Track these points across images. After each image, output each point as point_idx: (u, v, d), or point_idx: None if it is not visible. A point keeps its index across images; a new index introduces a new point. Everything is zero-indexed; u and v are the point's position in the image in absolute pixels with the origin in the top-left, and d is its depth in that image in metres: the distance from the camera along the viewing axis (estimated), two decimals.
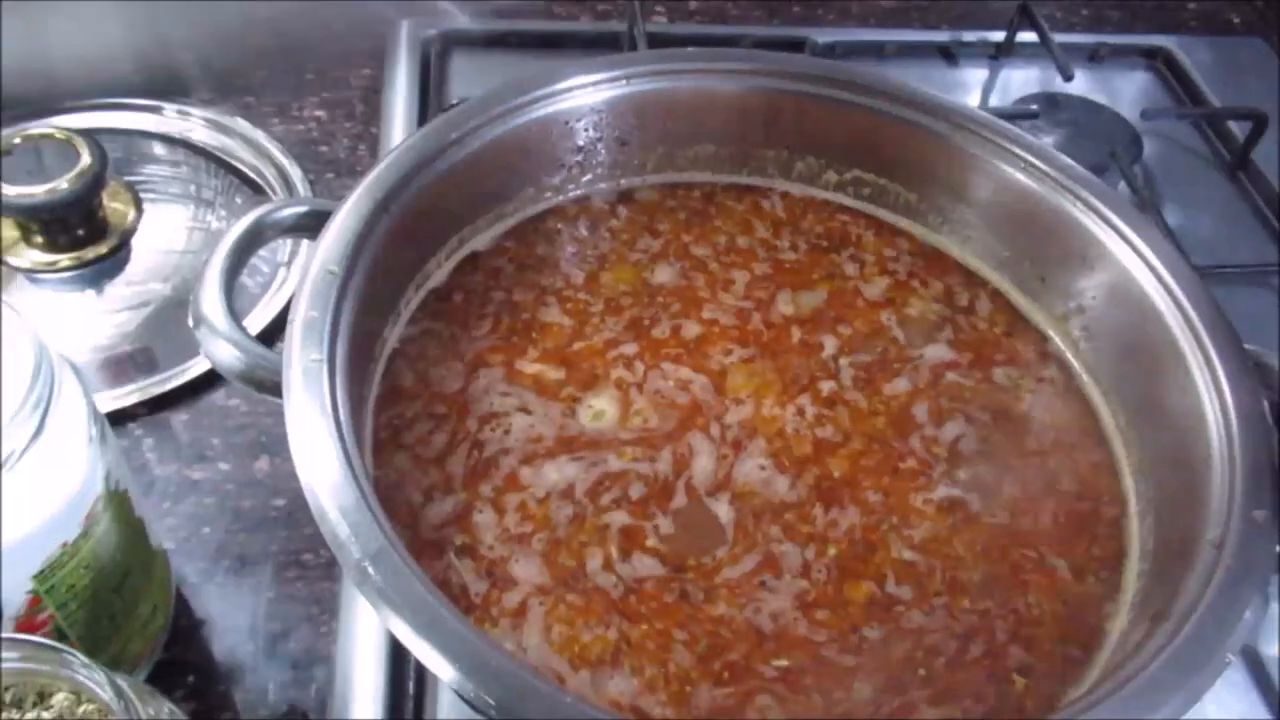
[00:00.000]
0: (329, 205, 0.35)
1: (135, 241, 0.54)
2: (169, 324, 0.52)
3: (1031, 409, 0.40)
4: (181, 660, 0.40)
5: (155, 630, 0.38)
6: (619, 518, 0.34)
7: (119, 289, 0.53)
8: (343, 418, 0.28)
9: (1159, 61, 0.73)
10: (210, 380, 0.49)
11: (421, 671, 0.40)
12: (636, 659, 0.30)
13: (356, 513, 0.27)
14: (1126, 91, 0.71)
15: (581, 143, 0.44)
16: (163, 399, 0.48)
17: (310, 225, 0.36)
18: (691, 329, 0.41)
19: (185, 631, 0.41)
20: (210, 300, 0.33)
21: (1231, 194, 0.65)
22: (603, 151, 0.45)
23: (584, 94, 0.42)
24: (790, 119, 0.45)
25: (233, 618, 0.42)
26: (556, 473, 0.35)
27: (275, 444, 0.47)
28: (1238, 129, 0.66)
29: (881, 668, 0.32)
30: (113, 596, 0.35)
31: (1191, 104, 0.69)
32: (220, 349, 0.32)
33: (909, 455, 0.37)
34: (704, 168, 0.48)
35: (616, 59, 0.48)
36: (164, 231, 0.56)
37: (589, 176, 0.45)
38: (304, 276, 0.32)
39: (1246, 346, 0.34)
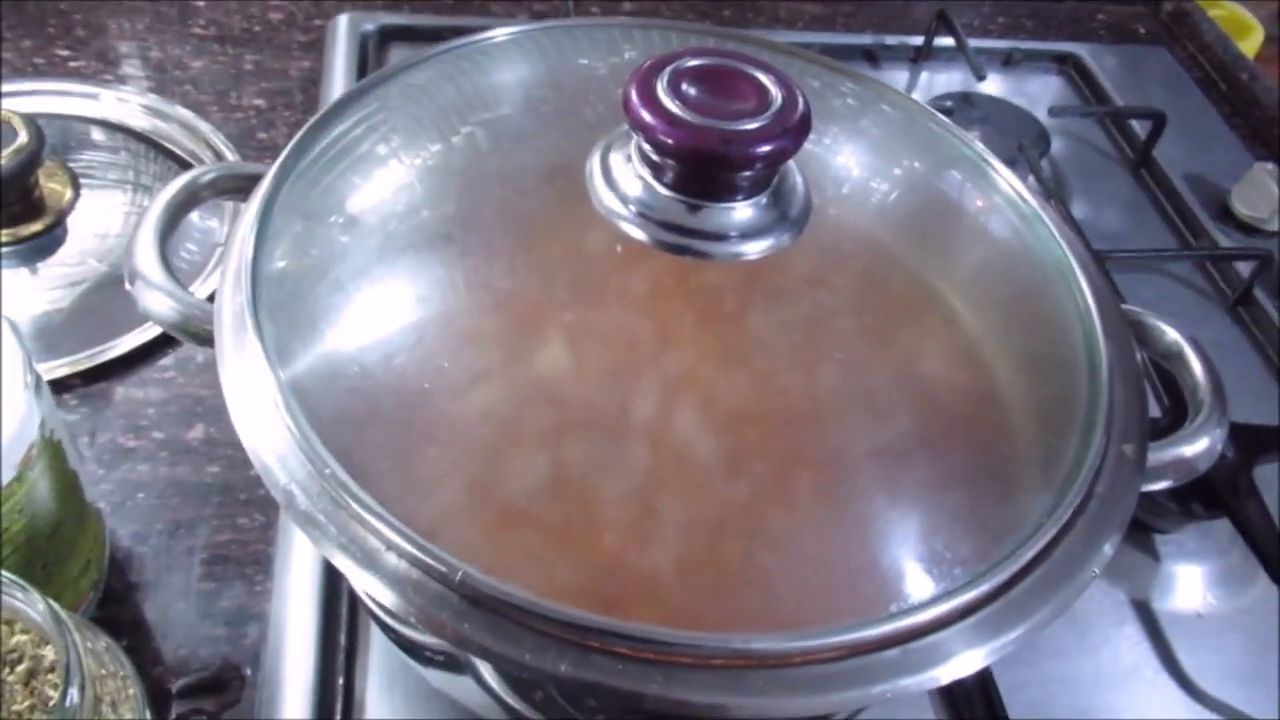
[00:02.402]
0: (260, 168, 0.36)
1: (71, 222, 0.55)
2: (103, 301, 0.52)
3: None
4: (115, 619, 0.41)
5: (88, 585, 0.39)
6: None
7: (54, 267, 0.53)
8: (274, 359, 0.29)
9: (1069, 66, 0.77)
10: (144, 354, 0.50)
11: (354, 623, 0.41)
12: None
13: (284, 445, 0.28)
14: (1038, 93, 0.74)
15: None
16: (97, 371, 0.49)
17: (242, 187, 0.37)
18: None
19: (118, 593, 0.42)
20: (145, 255, 0.34)
21: (1134, 189, 0.68)
22: None
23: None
24: None
25: (166, 579, 0.43)
26: None
27: (210, 414, 0.48)
28: (1140, 129, 0.70)
29: None
30: (45, 545, 0.36)
31: (1097, 105, 0.73)
32: (156, 300, 0.33)
33: None
34: None
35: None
36: (101, 214, 0.56)
37: None
38: (233, 231, 0.34)
39: (1124, 305, 0.37)
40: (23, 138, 0.51)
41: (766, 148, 0.29)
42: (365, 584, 0.26)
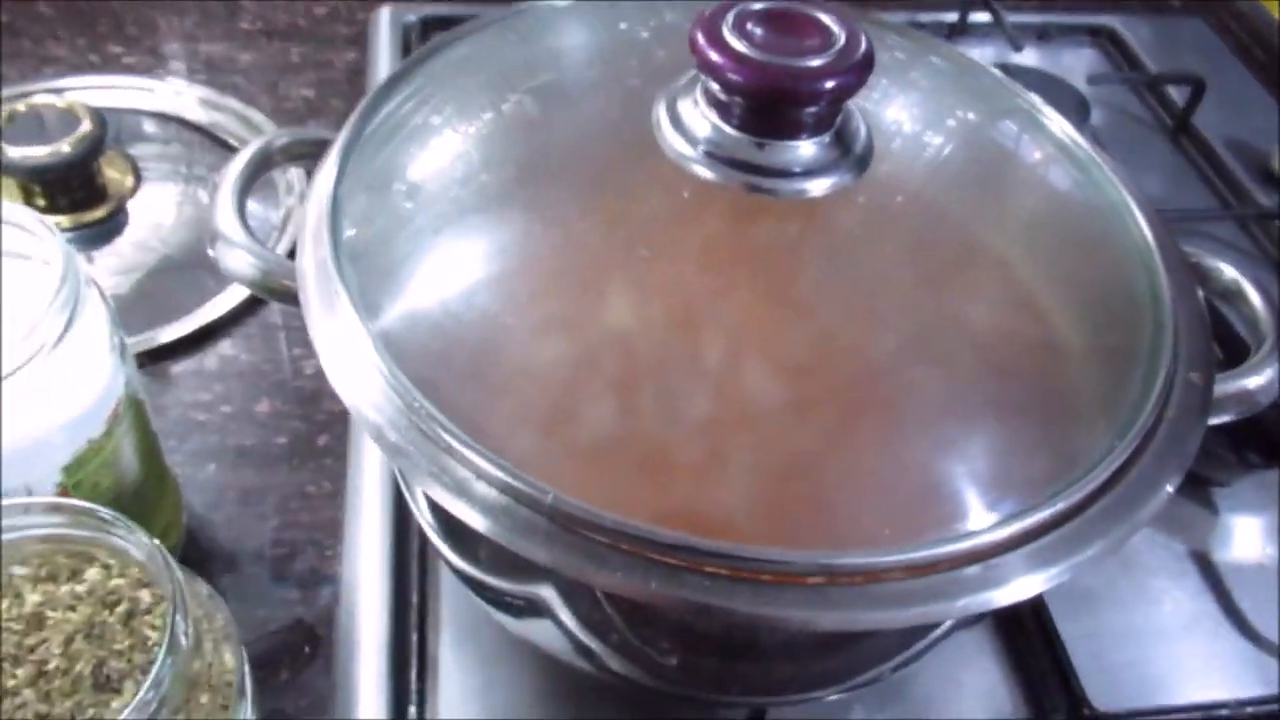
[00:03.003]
0: (328, 134, 0.37)
1: (131, 209, 0.57)
2: (162, 286, 0.54)
3: None
4: None
5: (168, 548, 0.40)
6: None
7: (114, 252, 0.55)
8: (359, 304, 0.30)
9: (1104, 38, 0.77)
10: (210, 333, 0.51)
11: (424, 583, 0.42)
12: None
13: (373, 385, 0.29)
14: (1074, 65, 0.74)
15: None
16: (163, 350, 0.50)
17: (310, 153, 0.38)
18: None
19: (194, 560, 0.43)
20: (225, 216, 0.35)
21: (1175, 155, 0.68)
22: None
23: None
24: None
25: (240, 545, 0.44)
26: None
27: (274, 388, 0.49)
28: (1178, 96, 0.71)
29: None
30: (130, 503, 0.37)
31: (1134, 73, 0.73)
32: (237, 258, 0.35)
33: None
34: None
35: None
36: (157, 203, 0.58)
37: None
38: (309, 192, 0.35)
39: (1184, 248, 0.37)
40: (86, 126, 0.52)
41: (831, 83, 0.29)
42: (458, 511, 0.27)
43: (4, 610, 0.30)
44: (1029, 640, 0.43)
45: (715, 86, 0.31)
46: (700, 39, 0.30)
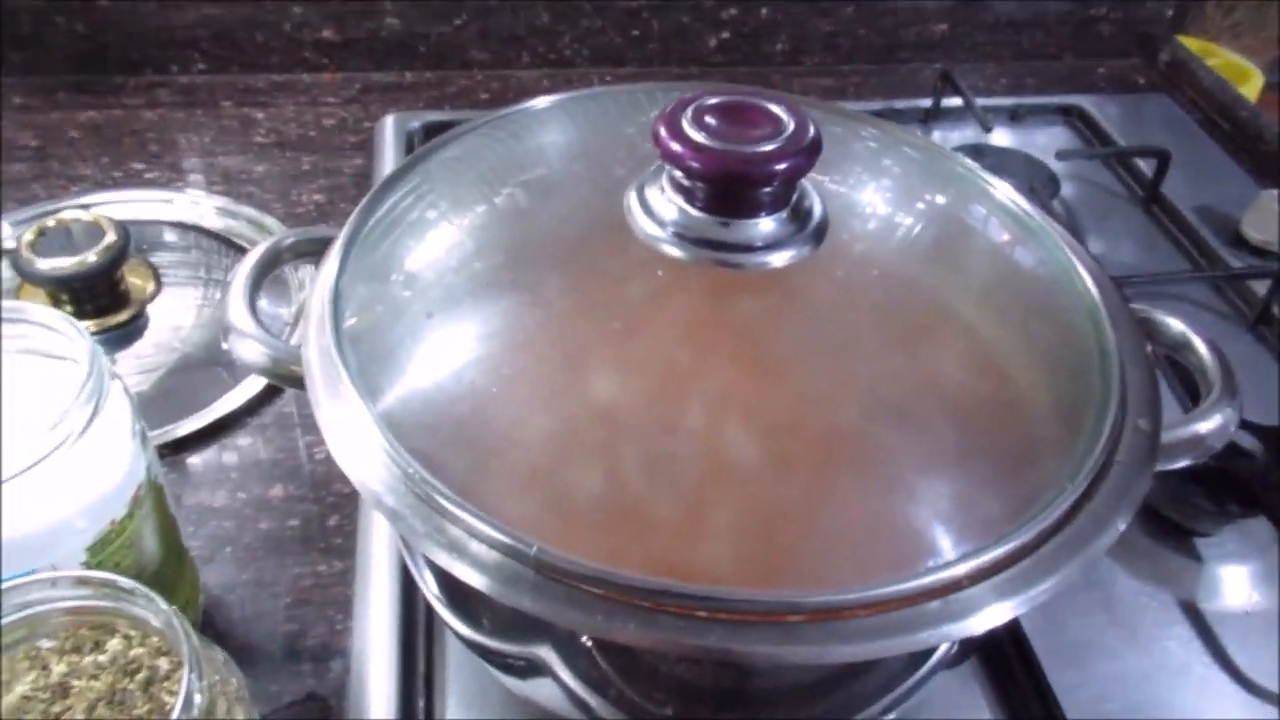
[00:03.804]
0: (332, 232, 0.40)
1: (152, 312, 0.60)
2: (181, 383, 0.57)
3: None
4: None
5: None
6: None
7: (136, 352, 0.58)
8: (359, 384, 0.33)
9: (1074, 117, 0.81)
10: (226, 425, 0.54)
11: (431, 653, 0.44)
12: None
13: (373, 455, 0.31)
14: (1046, 143, 0.78)
15: None
16: (182, 442, 0.53)
17: (316, 250, 0.41)
18: None
19: (211, 637, 0.45)
20: (236, 310, 0.38)
21: (1148, 224, 0.71)
22: None
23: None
24: None
25: (254, 623, 0.46)
26: None
27: (287, 474, 0.52)
28: (1147, 168, 0.74)
29: None
30: (151, 582, 0.39)
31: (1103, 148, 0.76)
32: (249, 349, 0.37)
33: None
34: None
35: None
36: (177, 306, 0.61)
37: None
38: (313, 285, 0.38)
39: (1132, 305, 0.40)
40: (111, 237, 0.56)
41: (782, 165, 0.32)
42: (451, 567, 0.29)
43: (32, 681, 0.32)
44: (1021, 690, 0.44)
45: (678, 174, 0.34)
46: (663, 132, 0.33)
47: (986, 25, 0.88)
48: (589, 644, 0.34)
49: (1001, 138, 0.78)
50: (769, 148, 0.33)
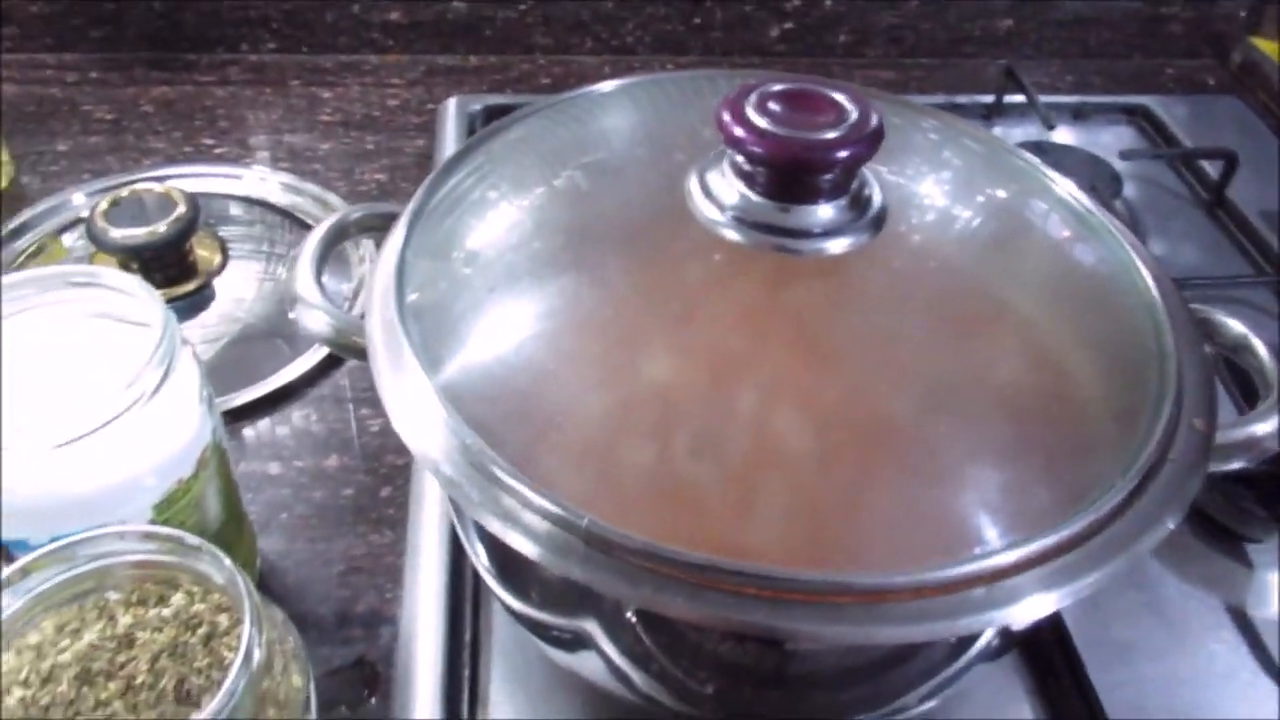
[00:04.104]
0: (396, 208, 0.41)
1: (218, 284, 0.62)
2: (243, 354, 0.58)
3: None
4: None
5: None
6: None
7: (201, 322, 0.60)
8: (421, 356, 0.34)
9: (1139, 117, 0.80)
10: (285, 395, 0.55)
11: (477, 624, 0.45)
12: None
13: (432, 426, 0.32)
14: (1110, 143, 0.77)
15: None
16: (242, 411, 0.54)
17: (380, 225, 0.42)
18: None
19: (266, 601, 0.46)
20: (304, 281, 0.39)
21: (1210, 227, 0.70)
22: None
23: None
24: None
25: (308, 588, 0.47)
26: None
27: (342, 445, 0.53)
28: (1213, 170, 0.73)
29: None
30: (212, 542, 0.40)
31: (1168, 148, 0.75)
32: (314, 319, 0.38)
33: None
34: None
35: None
36: (241, 279, 0.63)
37: None
38: (377, 259, 0.38)
39: (1192, 305, 0.39)
40: (181, 209, 0.58)
41: (844, 153, 0.33)
42: (503, 535, 0.30)
43: (100, 630, 0.33)
44: (1062, 687, 0.44)
45: (740, 158, 0.34)
46: (726, 116, 0.34)
47: (1053, 22, 0.87)
48: (634, 620, 0.35)
49: (1065, 136, 0.77)
50: (831, 135, 0.33)
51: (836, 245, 0.34)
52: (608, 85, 0.46)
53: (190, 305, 0.60)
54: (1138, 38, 0.89)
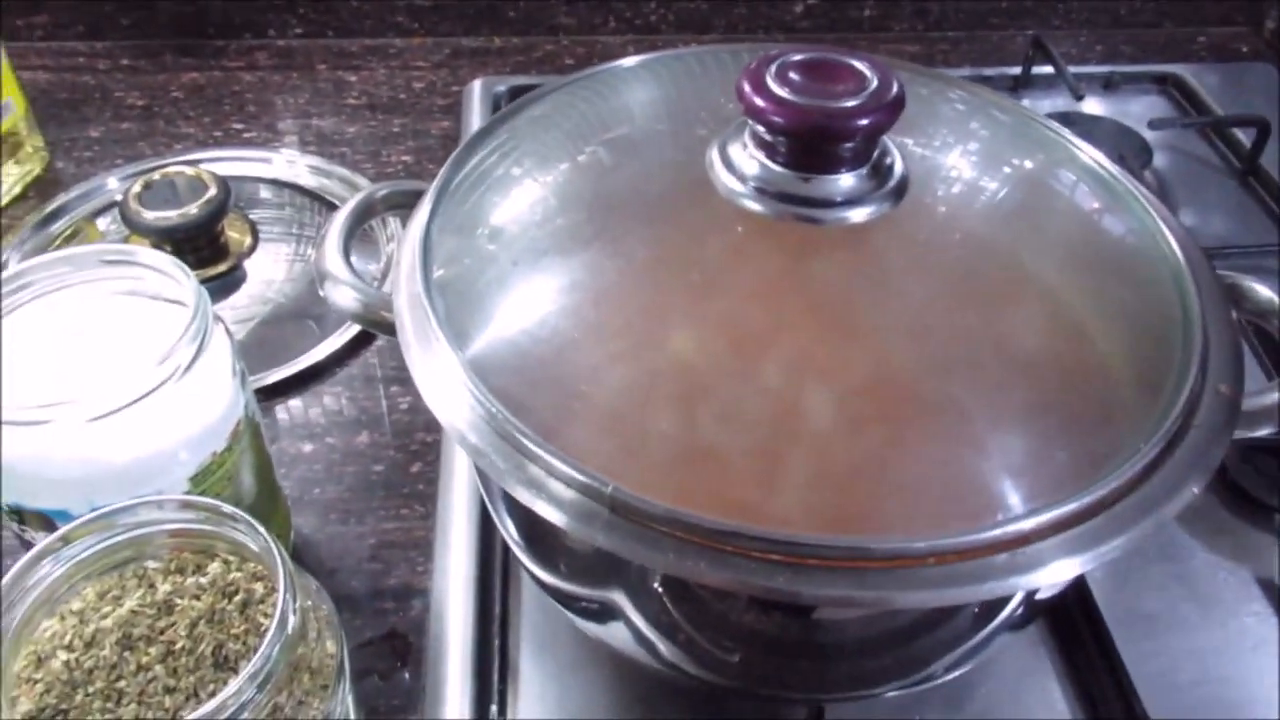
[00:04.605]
0: (422, 185, 0.42)
1: (248, 265, 0.62)
2: (274, 333, 0.59)
3: None
4: None
5: None
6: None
7: (233, 303, 0.61)
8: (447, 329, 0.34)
9: (1170, 85, 0.79)
10: (315, 374, 0.56)
11: (506, 596, 0.45)
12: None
13: (459, 396, 0.33)
14: (1140, 113, 0.76)
15: None
16: (274, 389, 0.55)
17: (407, 202, 0.43)
18: None
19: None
20: (332, 257, 0.40)
21: (1243, 196, 0.69)
22: None
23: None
24: None
25: (341, 562, 0.48)
26: None
27: (373, 422, 0.54)
28: (1245, 138, 0.72)
29: None
30: (249, 514, 0.41)
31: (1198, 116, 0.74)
32: (343, 294, 0.39)
33: None
34: None
35: None
36: (271, 260, 0.64)
37: None
38: (404, 235, 0.39)
39: (1219, 271, 0.39)
40: (213, 191, 0.59)
41: (864, 120, 0.33)
42: (529, 501, 0.30)
43: (140, 598, 0.34)
44: (1089, 658, 0.44)
45: (761, 129, 0.34)
46: (746, 86, 0.34)
47: None
48: (660, 589, 0.35)
49: (1094, 107, 0.76)
50: (851, 103, 0.33)
51: (858, 214, 0.35)
52: (631, 61, 0.46)
53: (222, 286, 0.61)
54: (1169, 5, 0.87)
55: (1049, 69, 0.76)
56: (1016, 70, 0.77)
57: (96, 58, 0.79)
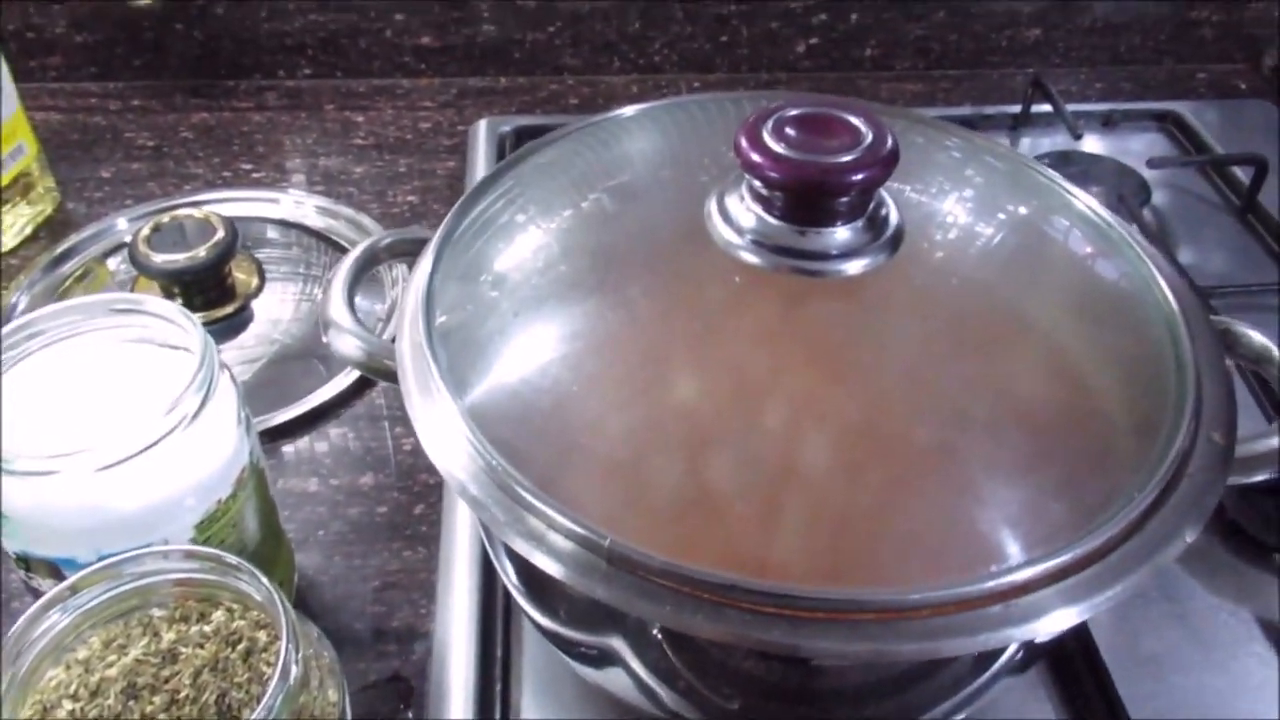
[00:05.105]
0: (427, 233, 0.42)
1: (255, 306, 0.63)
2: (281, 373, 0.60)
3: None
4: None
5: None
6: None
7: (240, 344, 0.61)
8: (448, 379, 0.35)
9: (1169, 123, 0.80)
10: (321, 415, 0.57)
11: (508, 639, 0.46)
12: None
13: (459, 447, 0.33)
14: (1140, 150, 0.76)
15: None
16: (278, 430, 0.56)
17: (411, 250, 0.43)
18: None
19: (304, 614, 0.47)
20: (336, 306, 0.40)
21: (1241, 234, 0.70)
22: None
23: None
24: None
25: (344, 604, 0.48)
26: None
27: (378, 463, 0.54)
28: (1244, 176, 0.72)
29: None
30: (251, 561, 0.41)
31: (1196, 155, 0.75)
32: (346, 343, 0.40)
33: None
34: None
35: None
36: (278, 300, 0.64)
37: None
38: (408, 283, 0.40)
39: (1212, 317, 0.39)
40: (220, 234, 0.59)
41: (858, 176, 0.33)
42: (528, 554, 0.30)
43: (145, 646, 0.34)
44: (1089, 700, 0.44)
45: (757, 183, 0.35)
46: (743, 142, 0.35)
47: (1081, 29, 0.87)
48: (660, 636, 0.36)
49: (1094, 144, 0.77)
50: (846, 158, 0.34)
51: (854, 266, 0.35)
52: (636, 109, 0.47)
53: (229, 327, 0.61)
54: (1168, 43, 0.88)
55: (1049, 107, 0.76)
56: (1017, 109, 0.78)
57: (108, 98, 0.81)
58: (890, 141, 0.34)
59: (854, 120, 0.35)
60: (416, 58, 0.83)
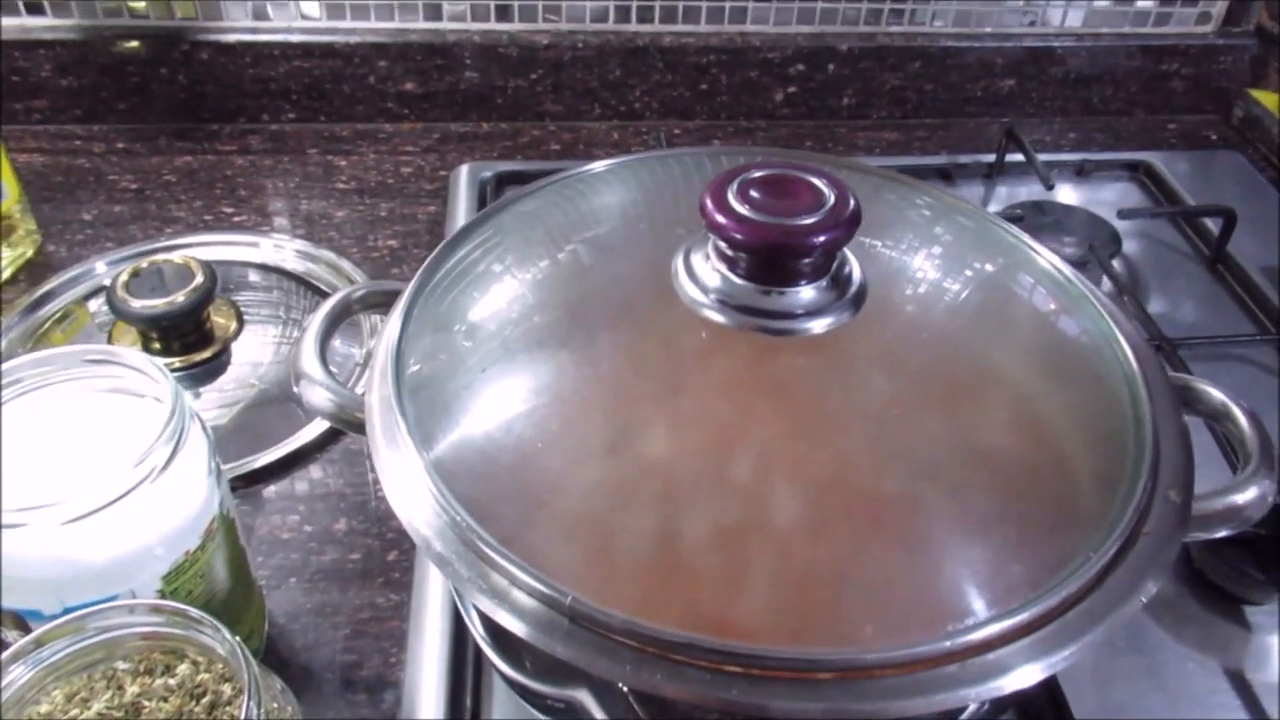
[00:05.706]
0: (399, 285, 0.43)
1: (234, 350, 0.63)
2: (258, 418, 0.60)
3: None
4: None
5: (251, 651, 0.45)
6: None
7: (218, 387, 0.61)
8: (415, 434, 0.35)
9: (1141, 173, 0.81)
10: (298, 459, 0.57)
11: (478, 690, 0.46)
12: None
13: (424, 503, 0.33)
14: (1112, 200, 0.78)
15: None
16: (254, 475, 0.56)
17: (384, 302, 0.44)
18: None
19: (273, 665, 0.47)
20: (308, 358, 0.41)
21: (1211, 284, 0.71)
22: None
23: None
24: None
25: (314, 653, 0.48)
26: None
27: (351, 509, 0.54)
28: (1214, 226, 0.73)
29: None
30: (220, 610, 0.41)
31: (1167, 206, 0.76)
32: (317, 395, 0.40)
33: None
34: None
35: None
36: (257, 344, 0.65)
37: None
38: (379, 337, 0.40)
39: (1172, 374, 0.40)
40: (199, 279, 0.60)
41: (821, 237, 0.34)
42: (492, 612, 0.31)
43: (108, 700, 0.34)
44: None
45: (722, 244, 0.36)
46: (708, 204, 0.35)
47: (1055, 80, 0.88)
48: (625, 690, 0.36)
49: (1067, 194, 0.78)
50: (809, 220, 0.34)
51: (818, 325, 0.36)
52: (617, 161, 0.47)
53: (207, 371, 0.62)
54: (1140, 94, 0.90)
55: (1022, 157, 0.77)
56: (992, 158, 0.79)
57: (92, 140, 0.81)
58: (852, 203, 0.35)
59: (817, 182, 0.36)
60: (400, 103, 0.84)
